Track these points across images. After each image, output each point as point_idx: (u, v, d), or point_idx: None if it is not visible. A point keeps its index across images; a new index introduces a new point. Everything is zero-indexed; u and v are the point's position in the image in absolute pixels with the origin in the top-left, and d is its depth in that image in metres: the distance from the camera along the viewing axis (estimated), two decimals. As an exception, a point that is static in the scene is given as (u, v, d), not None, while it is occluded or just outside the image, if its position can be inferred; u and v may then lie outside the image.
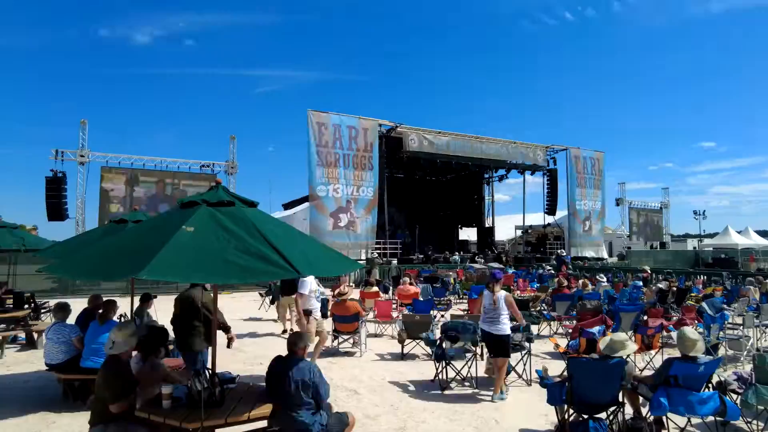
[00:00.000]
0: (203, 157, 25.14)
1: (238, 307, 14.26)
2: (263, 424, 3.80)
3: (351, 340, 8.48)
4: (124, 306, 6.67)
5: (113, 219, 6.79)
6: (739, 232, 38.67)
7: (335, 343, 8.39)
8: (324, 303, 10.60)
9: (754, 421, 4.85)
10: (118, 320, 5.97)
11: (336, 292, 8.82)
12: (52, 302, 9.07)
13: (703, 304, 8.81)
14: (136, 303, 6.81)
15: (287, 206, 32.83)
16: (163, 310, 6.73)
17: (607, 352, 4.46)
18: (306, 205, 23.51)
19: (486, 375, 6.61)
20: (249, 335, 9.87)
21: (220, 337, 4.61)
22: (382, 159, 23.58)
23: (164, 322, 5.84)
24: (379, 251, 23.52)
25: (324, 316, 10.26)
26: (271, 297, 12.39)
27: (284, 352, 3.92)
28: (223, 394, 3.69)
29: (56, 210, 20.46)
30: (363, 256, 22.46)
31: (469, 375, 6.47)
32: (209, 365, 3.90)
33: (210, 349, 4.02)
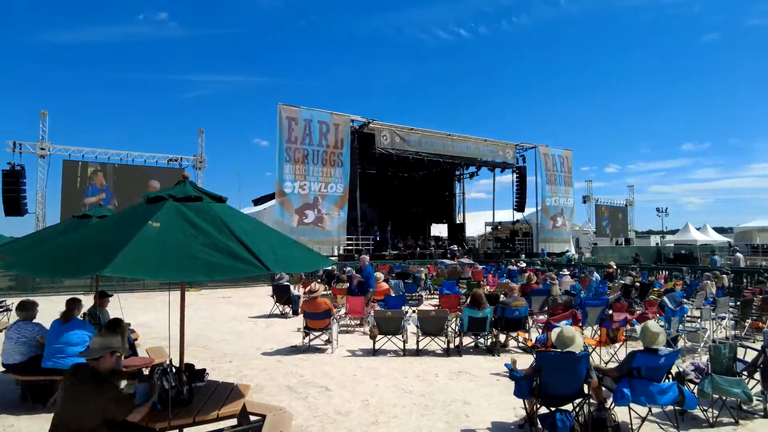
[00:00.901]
0: (171, 151, 24.58)
1: (207, 304, 14.03)
2: (233, 422, 3.75)
3: (322, 337, 8.45)
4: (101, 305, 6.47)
5: (76, 214, 6.53)
6: (698, 229, 40.24)
7: (306, 340, 8.35)
8: (295, 300, 10.56)
9: (710, 409, 5.08)
10: (81, 319, 5.79)
11: (307, 289, 8.76)
12: (10, 301, 8.71)
13: (665, 299, 9.14)
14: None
15: (257, 202, 32.42)
16: (129, 308, 6.55)
17: (557, 345, 4.58)
18: (275, 201, 23.28)
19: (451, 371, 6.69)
20: (217, 333, 9.71)
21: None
22: (354, 155, 23.51)
23: (130, 320, 5.68)
24: (351, 247, 23.49)
25: (295, 313, 10.23)
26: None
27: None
28: (191, 393, 3.62)
29: (14, 205, 19.66)
30: (334, 253, 22.39)
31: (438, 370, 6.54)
32: (177, 363, 3.81)
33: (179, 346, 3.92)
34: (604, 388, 4.91)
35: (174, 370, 3.65)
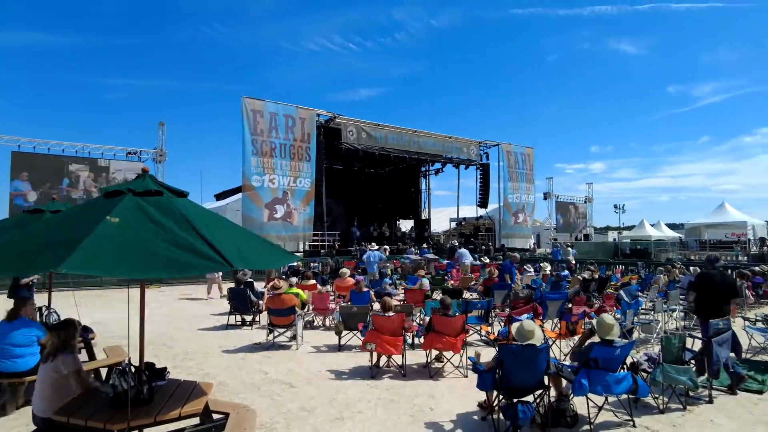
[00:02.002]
0: (130, 144, 23.76)
1: (168, 301, 13.68)
2: (196, 420, 3.69)
3: (287, 334, 8.39)
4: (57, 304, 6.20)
5: (27, 209, 6.23)
6: (652, 225, 41.90)
7: (270, 337, 8.27)
8: (260, 296, 10.42)
9: (660, 397, 5.34)
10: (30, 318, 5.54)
11: (270, 285, 8.66)
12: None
13: (621, 292, 9.49)
14: (55, 299, 6.34)
15: (220, 196, 31.70)
16: (85, 306, 6.32)
17: (517, 338, 4.72)
18: (239, 195, 22.77)
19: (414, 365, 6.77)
20: (178, 331, 9.49)
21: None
22: (320, 150, 23.28)
23: (87, 319, 5.48)
24: (316, 243, 23.35)
25: (259, 310, 10.09)
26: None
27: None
28: (152, 392, 3.53)
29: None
30: (300, 248, 22.19)
31: (404, 364, 6.61)
32: (136, 362, 3.71)
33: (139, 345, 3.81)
34: (563, 380, 5.08)
35: (133, 369, 3.56)
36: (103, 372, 5.67)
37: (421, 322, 8.33)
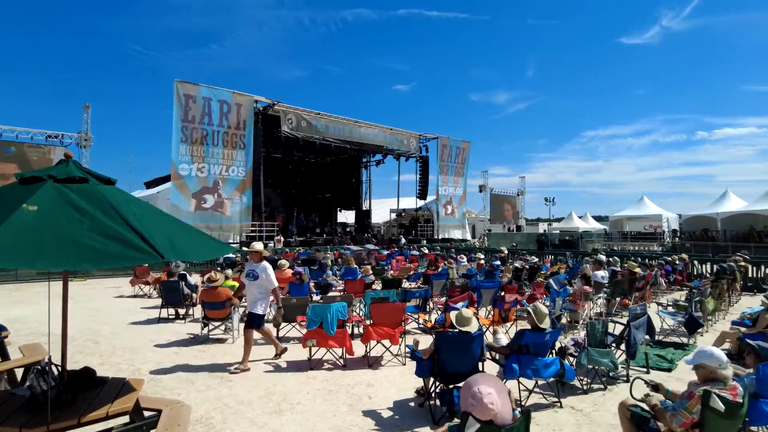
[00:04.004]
0: (50, 127, 22.00)
1: (94, 295, 12.90)
2: (125, 419, 3.51)
3: (223, 327, 8.16)
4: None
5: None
6: (580, 217, 44.37)
7: (205, 330, 8.01)
8: (194, 289, 10.05)
9: (585, 379, 5.71)
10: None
11: (206, 278, 8.38)
12: None
13: (550, 281, 9.99)
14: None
15: (150, 184, 30.20)
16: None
17: (457, 324, 4.89)
18: (170, 183, 21.79)
19: (351, 355, 6.82)
20: (106, 326, 8.98)
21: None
22: (258, 137, 22.62)
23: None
24: (253, 234, 22.79)
25: (193, 303, 9.74)
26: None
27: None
28: (75, 392, 3.32)
29: None
30: (235, 240, 21.57)
31: (343, 354, 6.63)
32: (57, 361, 3.47)
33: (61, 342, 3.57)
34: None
35: (54, 368, 3.32)
36: (19, 373, 5.26)
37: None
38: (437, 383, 4.92)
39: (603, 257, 12.30)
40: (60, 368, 3.39)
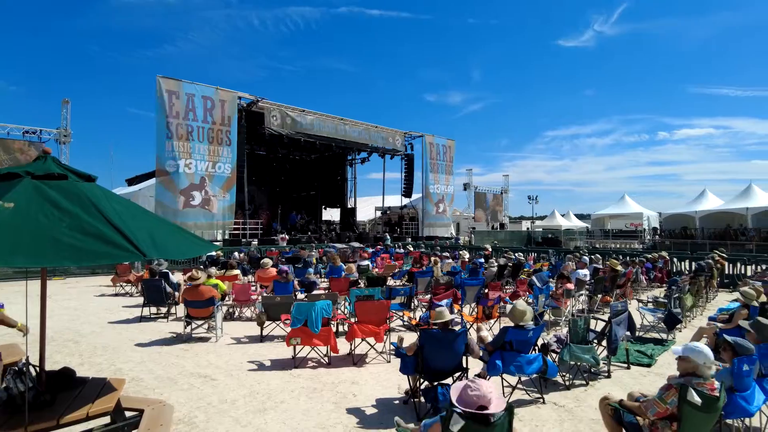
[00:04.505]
0: (27, 122, 21.48)
1: (74, 294, 12.67)
2: (106, 420, 3.47)
3: (206, 326, 8.09)
4: None
5: None
6: (563, 215, 44.86)
7: (188, 329, 7.93)
8: (176, 287, 9.93)
9: (567, 374, 5.79)
10: None
11: (188, 276, 8.29)
12: None
13: (533, 278, 10.10)
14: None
15: (131, 182, 29.74)
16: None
17: (431, 321, 4.93)
18: (153, 181, 21.43)
19: (335, 353, 6.82)
20: (86, 325, 8.83)
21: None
22: (242, 134, 22.38)
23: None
24: (237, 232, 22.61)
25: (175, 302, 9.62)
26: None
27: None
28: (55, 392, 3.26)
29: None
30: (219, 237, 21.38)
31: (328, 352, 6.62)
32: (35, 361, 3.40)
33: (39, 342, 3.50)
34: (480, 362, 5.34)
35: (32, 369, 3.26)
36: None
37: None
38: (422, 380, 4.95)
39: (587, 258, 12.45)
40: (38, 369, 3.33)
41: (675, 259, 16.40)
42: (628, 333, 6.53)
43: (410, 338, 5.74)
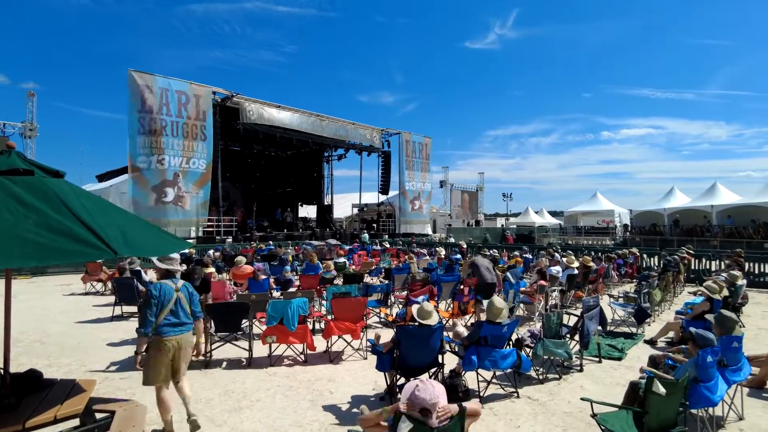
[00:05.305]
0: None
1: (41, 293, 12.30)
2: (75, 422, 3.38)
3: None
4: None
5: None
6: (536, 212, 45.55)
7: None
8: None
9: (541, 369, 5.90)
10: None
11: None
12: None
13: (508, 274, 10.22)
14: None
15: (102, 178, 28.98)
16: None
17: (418, 318, 4.96)
18: (125, 177, 20.92)
19: (312, 351, 6.80)
20: (55, 325, 8.58)
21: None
22: (216, 130, 22.04)
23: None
24: (211, 229, 22.26)
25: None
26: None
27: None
28: (20, 396, 3.17)
29: None
30: (192, 235, 21.01)
31: (304, 351, 6.59)
32: None
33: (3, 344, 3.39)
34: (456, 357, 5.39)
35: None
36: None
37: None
38: (398, 377, 4.97)
39: (558, 256, 12.66)
40: (2, 371, 3.22)
41: (645, 255, 16.84)
42: (599, 327, 6.69)
43: (387, 335, 5.76)
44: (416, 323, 4.91)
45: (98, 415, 3.65)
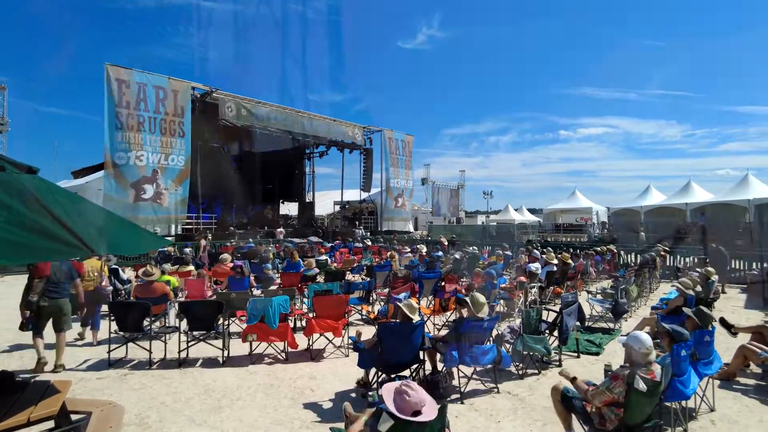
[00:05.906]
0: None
1: (13, 293, 11.95)
2: (50, 424, 3.31)
3: (158, 323, 7.82)
4: None
5: None
6: (516, 210, 45.98)
7: (140, 326, 7.64)
8: (126, 284, 9.56)
9: (520, 364, 5.97)
10: None
11: (141, 272, 8.00)
12: None
13: (488, 270, 10.32)
14: None
15: (78, 174, 28.34)
16: None
17: (408, 314, 4.99)
18: (101, 173, 20.49)
19: (293, 349, 6.77)
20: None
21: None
22: (195, 126, 21.73)
23: None
24: (189, 226, 21.96)
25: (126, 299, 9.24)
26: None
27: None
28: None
29: None
30: (171, 232, 20.70)
31: (285, 349, 6.56)
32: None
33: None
34: (437, 353, 5.43)
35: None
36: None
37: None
38: (379, 374, 4.98)
39: (537, 253, 12.82)
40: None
41: (622, 252, 17.16)
42: (578, 323, 6.80)
43: (369, 332, 5.77)
44: (397, 320, 4.93)
45: (74, 417, 3.58)
